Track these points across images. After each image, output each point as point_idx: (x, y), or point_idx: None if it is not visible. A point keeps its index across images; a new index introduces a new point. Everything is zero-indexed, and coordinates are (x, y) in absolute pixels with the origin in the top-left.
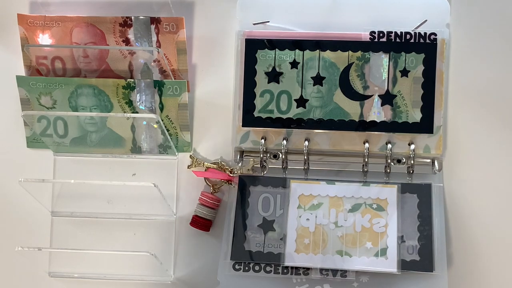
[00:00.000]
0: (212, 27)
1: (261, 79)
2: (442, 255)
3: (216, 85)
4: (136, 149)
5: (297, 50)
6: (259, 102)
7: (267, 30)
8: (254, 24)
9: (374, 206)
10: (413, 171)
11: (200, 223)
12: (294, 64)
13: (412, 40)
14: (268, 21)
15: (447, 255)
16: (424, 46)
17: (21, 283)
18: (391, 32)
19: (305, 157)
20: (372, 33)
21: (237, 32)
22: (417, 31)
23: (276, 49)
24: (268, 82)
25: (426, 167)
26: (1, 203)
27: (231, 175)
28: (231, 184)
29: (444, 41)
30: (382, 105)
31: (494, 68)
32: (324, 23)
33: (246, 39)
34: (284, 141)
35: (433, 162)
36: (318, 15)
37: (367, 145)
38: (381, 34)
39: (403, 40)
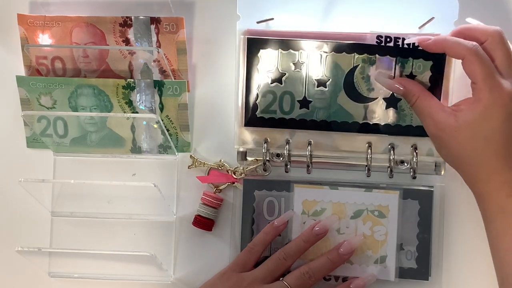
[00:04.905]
0: (212, 27)
1: (263, 79)
2: (439, 264)
3: (216, 85)
4: (136, 149)
5: (301, 51)
6: (261, 103)
7: (269, 30)
8: (257, 22)
9: (376, 213)
10: (415, 176)
11: (203, 222)
12: (297, 65)
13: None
14: (273, 18)
15: (446, 260)
16: (433, 53)
17: (21, 283)
18: (399, 38)
19: (308, 159)
20: (379, 37)
21: (239, 32)
22: (423, 30)
23: (280, 49)
24: (271, 83)
25: (429, 171)
26: (1, 203)
27: (234, 176)
28: (234, 185)
29: None
30: (386, 108)
31: None
32: (327, 21)
33: (248, 38)
34: (287, 143)
35: (436, 166)
36: (321, 14)
37: (370, 148)
38: (388, 39)
39: (411, 46)
